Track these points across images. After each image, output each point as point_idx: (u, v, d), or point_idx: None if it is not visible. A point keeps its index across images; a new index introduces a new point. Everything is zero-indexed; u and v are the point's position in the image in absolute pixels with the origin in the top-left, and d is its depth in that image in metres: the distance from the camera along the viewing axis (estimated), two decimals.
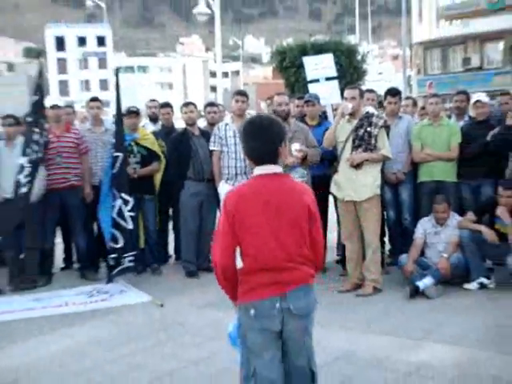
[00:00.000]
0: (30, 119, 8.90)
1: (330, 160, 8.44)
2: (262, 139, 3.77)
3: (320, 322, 5.61)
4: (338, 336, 6.43)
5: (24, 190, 8.51)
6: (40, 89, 9.08)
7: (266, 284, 3.71)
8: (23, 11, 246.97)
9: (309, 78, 9.89)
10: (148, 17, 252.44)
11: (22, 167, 8.54)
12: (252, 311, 3.70)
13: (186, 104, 9.76)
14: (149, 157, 9.42)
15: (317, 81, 9.80)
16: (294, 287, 3.73)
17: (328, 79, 9.73)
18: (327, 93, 9.58)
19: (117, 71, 9.82)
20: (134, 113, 9.53)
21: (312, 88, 9.74)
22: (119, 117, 9.00)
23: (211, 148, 8.97)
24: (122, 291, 8.46)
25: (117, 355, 6.21)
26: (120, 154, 8.74)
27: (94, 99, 10.08)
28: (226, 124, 9.05)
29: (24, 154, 8.60)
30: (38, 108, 8.94)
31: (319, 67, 9.86)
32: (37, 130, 8.71)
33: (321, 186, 8.31)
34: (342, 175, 8.04)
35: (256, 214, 3.73)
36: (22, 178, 8.51)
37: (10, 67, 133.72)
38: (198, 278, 9.08)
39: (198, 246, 9.36)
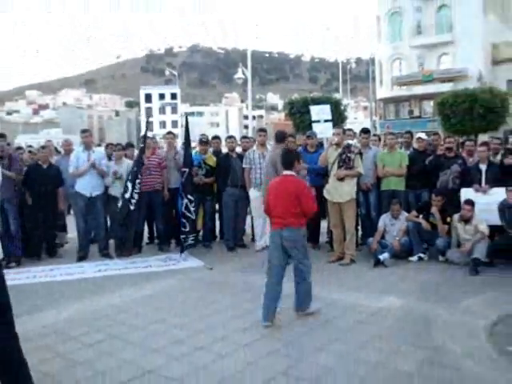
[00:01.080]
0: (142, 145, 8.88)
1: (323, 175, 8.31)
2: (286, 158, 5.50)
3: (314, 280, 5.59)
4: (327, 290, 6.31)
5: (127, 196, 8.37)
6: (147, 128, 9.21)
7: (276, 223, 5.35)
8: (127, 79, 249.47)
9: (313, 119, 9.85)
10: (204, 80, 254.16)
11: (126, 186, 8.42)
12: (270, 234, 5.47)
13: (229, 137, 9.85)
14: (211, 171, 9.31)
15: (318, 121, 9.75)
16: (286, 227, 5.23)
17: (326, 121, 9.68)
18: (324, 129, 9.51)
19: (186, 115, 9.73)
20: (204, 142, 9.58)
21: (315, 126, 9.74)
22: (187, 144, 8.89)
23: (244, 166, 8.91)
24: (185, 259, 8.38)
25: (184, 297, 6.23)
26: (186, 169, 8.65)
27: (169, 133, 10.00)
28: (254, 150, 9.03)
29: (129, 176, 8.50)
30: (144, 139, 8.95)
31: (320, 113, 9.82)
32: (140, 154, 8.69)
33: (316, 191, 8.18)
34: (331, 185, 7.95)
35: (274, 193, 5.38)
36: (127, 194, 8.37)
37: (117, 113, 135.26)
38: (235, 251, 8.96)
39: (235, 230, 9.24)
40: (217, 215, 10.06)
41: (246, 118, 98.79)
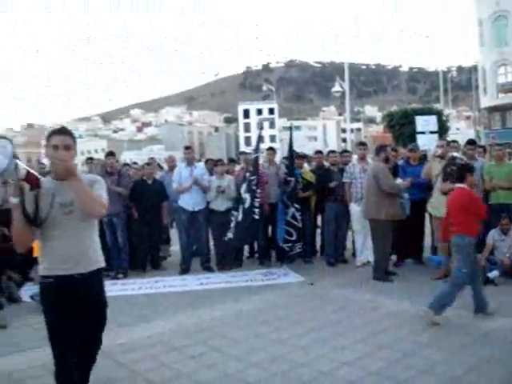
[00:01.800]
0: (255, 156, 8.96)
1: (426, 188, 8.03)
2: (460, 171, 5.90)
3: (417, 298, 5.34)
4: None
5: (247, 205, 8.46)
6: (259, 139, 9.41)
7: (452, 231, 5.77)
8: (226, 95, 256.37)
9: (418, 130, 9.56)
10: (301, 95, 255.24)
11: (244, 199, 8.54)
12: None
13: (332, 151, 9.87)
14: (307, 186, 9.29)
15: (423, 133, 9.46)
16: (455, 233, 5.72)
17: (431, 132, 9.36)
18: (429, 141, 9.20)
19: (291, 127, 9.75)
20: (301, 156, 9.70)
21: (419, 137, 9.46)
22: (291, 155, 8.96)
23: (344, 180, 8.79)
24: (285, 274, 8.39)
25: (284, 313, 6.19)
26: (293, 179, 8.75)
27: (270, 148, 10.07)
28: (354, 164, 8.94)
29: (246, 186, 8.60)
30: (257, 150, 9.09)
31: (425, 124, 9.51)
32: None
33: (419, 205, 8.01)
34: (436, 199, 7.65)
35: (451, 205, 5.87)
36: (246, 204, 8.48)
37: (216, 129, 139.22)
38: (335, 267, 8.85)
39: (336, 245, 9.13)
40: (318, 230, 10.01)
41: (343, 131, 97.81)
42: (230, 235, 8.37)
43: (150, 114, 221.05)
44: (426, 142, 9.21)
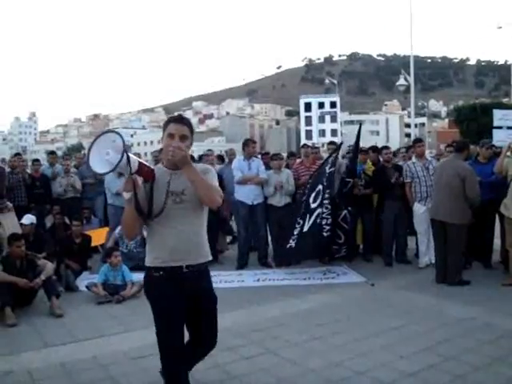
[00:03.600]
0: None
1: (499, 186, 7.51)
2: None
3: (485, 306, 4.96)
4: (501, 317, 5.60)
5: (316, 218, 8.05)
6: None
7: None
8: (287, 88, 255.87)
9: (495, 125, 9.00)
10: (364, 88, 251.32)
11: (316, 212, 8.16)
12: None
13: (385, 147, 9.49)
14: (370, 182, 8.96)
15: (500, 127, 8.88)
16: None
17: (509, 128, 8.79)
18: (505, 137, 8.62)
19: (360, 124, 9.33)
20: (364, 151, 9.36)
21: (496, 132, 8.89)
22: (356, 154, 8.61)
23: (405, 180, 8.41)
24: (345, 273, 8.13)
25: (343, 315, 5.95)
26: (351, 180, 8.41)
27: (331, 143, 9.80)
28: (414, 162, 8.56)
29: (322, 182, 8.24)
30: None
31: (504, 118, 8.93)
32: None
33: (490, 205, 7.54)
34: (510, 199, 7.10)
35: None
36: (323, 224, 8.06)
37: (277, 122, 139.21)
38: (397, 268, 8.47)
39: (396, 245, 8.83)
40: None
41: (407, 126, 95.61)
42: (292, 243, 8.08)
43: (212, 106, 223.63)
44: (503, 137, 8.62)
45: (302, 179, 9.04)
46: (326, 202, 8.00)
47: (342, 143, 9.41)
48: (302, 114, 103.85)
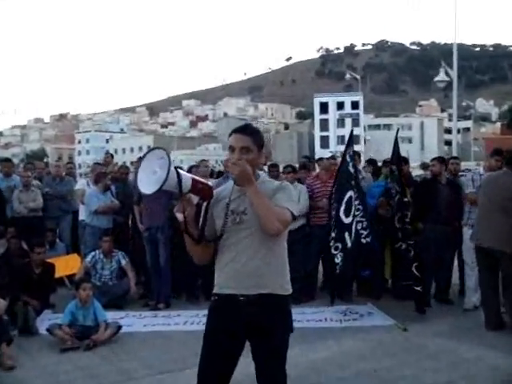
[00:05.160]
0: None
1: None
2: None
3: None
4: None
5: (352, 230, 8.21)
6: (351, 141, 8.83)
7: None
8: (298, 85, 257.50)
9: None
10: (392, 85, 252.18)
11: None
12: None
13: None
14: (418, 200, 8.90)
15: None
16: None
17: None
18: None
19: (397, 130, 9.32)
20: (387, 162, 9.37)
21: None
22: (399, 165, 8.59)
23: (467, 190, 8.41)
24: (370, 313, 8.11)
25: (368, 367, 5.91)
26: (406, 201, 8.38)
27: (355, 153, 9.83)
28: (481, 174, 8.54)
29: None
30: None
31: None
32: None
33: None
34: None
35: None
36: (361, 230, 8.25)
37: (286, 126, 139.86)
38: (436, 308, 8.40)
39: (437, 279, 8.84)
40: None
41: (447, 131, 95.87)
42: (338, 261, 8.19)
43: (206, 105, 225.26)
44: None
45: (317, 196, 9.06)
46: (356, 202, 8.18)
47: (352, 132, 9.39)
48: (317, 116, 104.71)
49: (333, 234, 8.25)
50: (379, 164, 11.19)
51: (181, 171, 3.20)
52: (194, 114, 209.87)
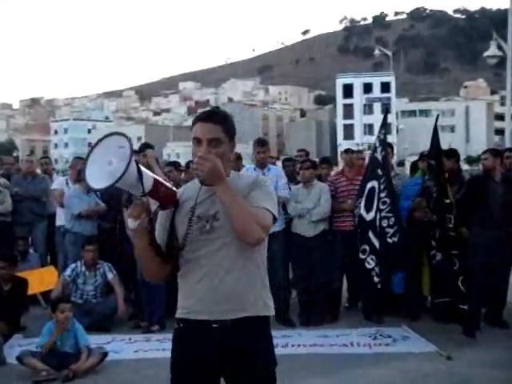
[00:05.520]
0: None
1: None
2: None
3: None
4: None
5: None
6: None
7: None
8: (317, 63, 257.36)
9: None
10: (431, 63, 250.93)
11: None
12: None
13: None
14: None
15: None
16: None
17: None
18: None
19: (436, 118, 9.31)
20: (425, 156, 9.32)
21: None
22: (438, 159, 8.59)
23: None
24: (406, 337, 8.10)
25: None
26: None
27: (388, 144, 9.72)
28: None
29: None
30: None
31: None
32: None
33: None
34: None
35: None
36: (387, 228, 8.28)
37: (303, 113, 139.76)
38: (487, 331, 8.36)
39: (489, 297, 8.81)
40: None
41: (498, 117, 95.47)
42: (375, 277, 8.22)
43: (206, 89, 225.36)
44: None
45: (341, 196, 9.09)
46: (382, 195, 8.20)
47: (387, 112, 9.36)
48: (340, 100, 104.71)
49: (360, 243, 8.33)
50: (414, 159, 11.17)
51: (143, 168, 3.12)
52: (192, 98, 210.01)
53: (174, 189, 3.38)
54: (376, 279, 8.20)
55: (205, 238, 3.30)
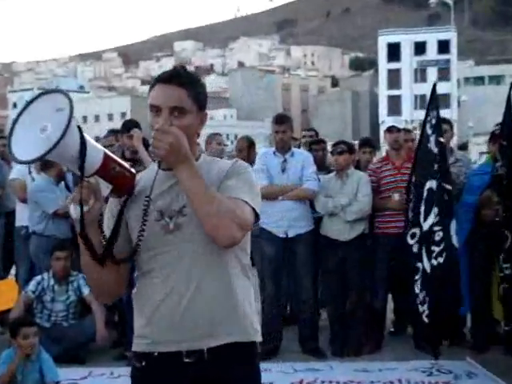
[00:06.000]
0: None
1: None
2: None
3: None
4: None
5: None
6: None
7: None
8: (353, 16, 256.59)
9: None
10: (505, 13, 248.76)
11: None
12: None
13: None
14: None
15: None
16: None
17: None
18: None
19: (510, 87, 9.24)
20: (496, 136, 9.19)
21: None
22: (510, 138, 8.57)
23: None
24: (471, 374, 8.02)
25: None
26: None
27: (444, 121, 9.62)
28: None
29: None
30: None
31: None
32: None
33: None
34: None
35: None
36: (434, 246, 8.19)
37: (334, 82, 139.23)
38: None
39: None
40: None
41: None
42: (419, 306, 8.19)
43: (210, 50, 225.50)
44: None
45: (385, 190, 9.04)
46: (444, 194, 8.10)
47: (434, 87, 9.24)
48: (383, 65, 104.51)
49: (413, 248, 8.26)
50: (482, 139, 11.12)
51: (88, 137, 2.98)
52: (192, 63, 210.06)
53: (133, 170, 3.23)
54: (421, 309, 8.14)
55: (167, 240, 3.21)
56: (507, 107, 8.55)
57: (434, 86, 9.11)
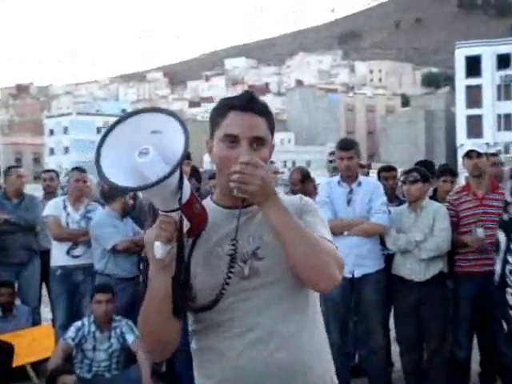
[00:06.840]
0: None
1: None
2: None
3: None
4: None
5: None
6: None
7: None
8: (426, 27, 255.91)
9: None
10: None
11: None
12: None
13: None
14: None
15: None
16: None
17: None
18: None
19: None
20: None
21: None
22: None
23: None
24: None
25: None
26: None
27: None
28: None
29: None
30: None
31: None
32: None
33: None
34: None
35: None
36: None
37: (405, 101, 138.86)
38: None
39: None
40: None
41: None
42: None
43: (265, 67, 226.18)
44: None
45: (466, 224, 8.93)
46: None
47: None
48: (461, 80, 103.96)
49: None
50: None
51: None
52: (244, 82, 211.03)
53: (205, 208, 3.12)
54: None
55: (243, 288, 3.15)
56: None
57: None
